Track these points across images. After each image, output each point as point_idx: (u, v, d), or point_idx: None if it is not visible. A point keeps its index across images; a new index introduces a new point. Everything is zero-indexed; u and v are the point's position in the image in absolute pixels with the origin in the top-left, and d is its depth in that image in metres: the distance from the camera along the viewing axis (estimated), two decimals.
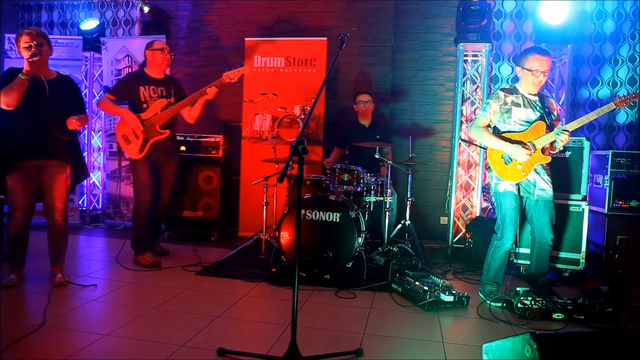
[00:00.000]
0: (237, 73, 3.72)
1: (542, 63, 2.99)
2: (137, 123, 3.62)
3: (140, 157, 3.69)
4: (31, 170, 3.08)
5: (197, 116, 3.90)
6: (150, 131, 3.68)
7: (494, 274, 3.16)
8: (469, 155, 5.00)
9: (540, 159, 3.02)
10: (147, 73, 3.81)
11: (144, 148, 3.68)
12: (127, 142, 3.70)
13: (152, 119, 3.67)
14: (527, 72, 3.01)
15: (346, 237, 3.39)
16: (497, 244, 3.14)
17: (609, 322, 2.74)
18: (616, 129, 4.56)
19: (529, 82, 3.03)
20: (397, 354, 2.33)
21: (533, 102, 3.08)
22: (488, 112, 3.11)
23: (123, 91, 3.75)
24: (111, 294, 3.08)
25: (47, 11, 6.21)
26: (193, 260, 3.89)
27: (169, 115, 3.70)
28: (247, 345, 2.30)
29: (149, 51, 3.79)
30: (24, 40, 3.01)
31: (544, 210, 3.10)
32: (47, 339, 2.33)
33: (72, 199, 5.20)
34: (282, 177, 1.89)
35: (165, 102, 3.72)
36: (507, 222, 3.08)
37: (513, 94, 3.09)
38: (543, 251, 3.19)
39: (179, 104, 3.73)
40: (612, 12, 4.61)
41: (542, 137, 2.98)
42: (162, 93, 3.77)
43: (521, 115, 3.05)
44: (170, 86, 3.83)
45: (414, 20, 5.22)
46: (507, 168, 3.05)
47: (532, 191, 3.09)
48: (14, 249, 3.17)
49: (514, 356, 1.83)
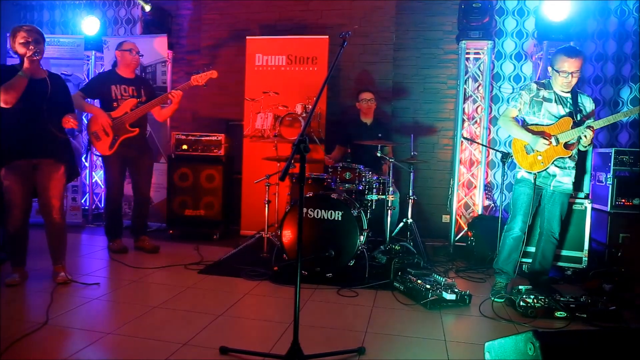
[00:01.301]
0: (204, 77, 3.92)
1: (571, 64, 3.00)
2: (107, 120, 3.80)
3: (111, 154, 3.88)
4: (26, 168, 3.08)
5: (167, 117, 4.20)
6: (120, 129, 3.86)
7: (503, 260, 3.22)
8: (471, 153, 4.98)
9: (560, 153, 3.08)
10: (119, 73, 3.99)
11: (114, 145, 3.86)
12: (98, 139, 3.86)
13: (122, 118, 3.85)
14: (556, 73, 3.06)
15: (348, 235, 3.39)
16: (506, 228, 3.24)
17: (612, 320, 2.73)
18: (619, 126, 4.54)
19: (558, 83, 3.08)
20: (399, 352, 2.33)
21: (564, 99, 3.13)
22: (519, 102, 3.17)
23: (95, 89, 3.92)
24: (113, 292, 3.09)
25: (48, 10, 6.20)
26: (195, 259, 3.90)
27: (139, 114, 3.89)
28: (249, 344, 2.30)
29: (118, 51, 3.98)
30: (21, 37, 2.99)
31: (557, 202, 3.17)
32: (49, 338, 2.33)
33: (74, 197, 5.23)
34: (284, 175, 1.88)
35: (135, 102, 3.90)
36: (518, 207, 3.17)
37: (546, 88, 3.15)
38: (549, 244, 3.23)
39: (148, 104, 3.92)
40: (615, 9, 4.59)
41: (566, 132, 3.05)
42: (133, 93, 3.96)
43: (551, 110, 3.12)
44: (141, 86, 4.04)
45: (415, 18, 5.21)
46: (527, 157, 3.12)
47: (550, 182, 3.15)
48: (15, 247, 3.18)
49: (517, 354, 1.82)
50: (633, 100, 4.45)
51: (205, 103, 5.59)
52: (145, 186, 4.18)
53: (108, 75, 4.05)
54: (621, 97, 4.52)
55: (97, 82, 4.00)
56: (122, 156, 3.95)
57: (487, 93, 4.73)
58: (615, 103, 4.56)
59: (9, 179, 3.06)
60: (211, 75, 3.94)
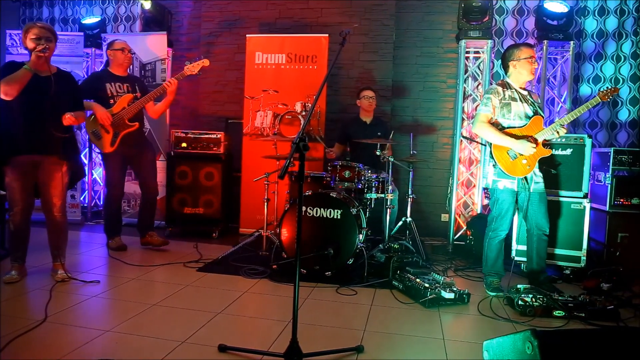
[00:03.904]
0: (197, 66, 3.95)
1: (531, 51, 3.16)
2: (108, 115, 3.78)
3: (112, 151, 3.87)
4: (27, 166, 3.08)
5: (161, 112, 4.17)
6: (120, 125, 3.86)
7: (492, 263, 3.28)
8: (470, 152, 4.99)
9: (543, 153, 3.10)
10: (111, 71, 4.01)
11: (115, 141, 3.86)
12: (98, 137, 3.86)
13: (121, 113, 3.85)
14: (525, 61, 3.12)
15: (347, 234, 3.39)
16: (492, 235, 3.25)
17: (610, 319, 2.74)
18: (618, 126, 4.54)
19: (528, 71, 3.13)
20: (398, 350, 2.34)
21: (525, 96, 3.17)
22: (490, 106, 3.16)
23: (89, 88, 3.90)
24: (112, 290, 3.09)
25: (48, 7, 6.20)
26: (194, 257, 3.90)
27: (136, 109, 3.90)
28: (248, 342, 2.31)
29: (110, 51, 3.99)
30: (33, 33, 2.99)
31: (540, 201, 3.19)
32: (48, 335, 2.33)
33: (73, 195, 5.22)
34: (283, 173, 1.88)
35: (132, 97, 3.92)
36: (504, 216, 3.20)
37: (508, 88, 3.18)
38: (542, 242, 3.25)
39: (145, 98, 3.93)
40: (614, 8, 4.59)
41: (543, 131, 3.07)
42: (128, 89, 3.98)
43: (519, 110, 3.13)
44: (135, 82, 4.06)
45: (415, 16, 5.21)
46: (513, 164, 3.10)
47: (529, 185, 3.15)
48: (15, 244, 3.18)
49: (515, 353, 1.83)
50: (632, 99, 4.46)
51: (205, 101, 5.59)
52: (152, 181, 4.16)
53: (101, 74, 4.06)
54: (620, 97, 4.52)
55: (91, 81, 4.00)
56: (122, 154, 3.95)
57: None
58: (614, 103, 4.57)
59: (10, 175, 3.06)
60: (203, 64, 3.96)
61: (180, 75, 3.95)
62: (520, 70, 3.16)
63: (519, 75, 3.17)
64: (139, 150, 4.03)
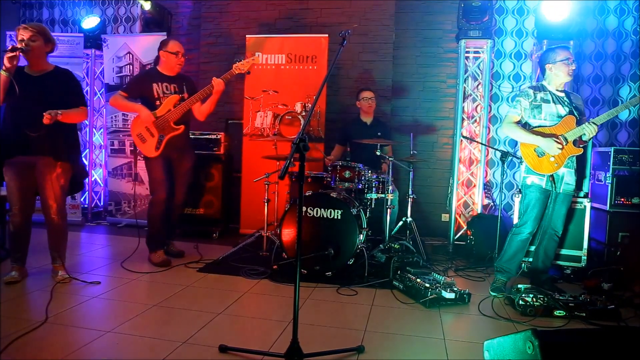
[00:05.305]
0: (247, 63, 3.68)
1: (567, 53, 3.19)
2: (151, 118, 3.59)
3: (157, 155, 3.66)
4: (22, 166, 3.07)
5: (207, 113, 3.82)
6: (165, 128, 3.64)
7: (507, 259, 3.26)
8: (470, 152, 4.99)
9: (572, 151, 3.11)
10: (160, 70, 3.77)
11: (160, 145, 3.65)
12: (143, 140, 3.66)
13: (166, 115, 3.63)
14: (562, 63, 3.15)
15: (347, 234, 3.39)
16: (515, 231, 3.25)
17: (611, 319, 2.74)
18: (618, 125, 4.54)
19: (564, 73, 3.16)
20: (399, 350, 2.33)
21: (560, 98, 3.19)
22: (519, 108, 3.20)
23: (136, 88, 3.72)
24: (113, 290, 3.09)
25: (48, 8, 6.20)
26: (195, 257, 3.90)
27: (182, 111, 3.66)
28: (248, 342, 2.31)
29: (163, 52, 3.72)
30: (18, 35, 2.98)
31: (563, 203, 3.22)
32: (49, 336, 2.33)
33: (74, 196, 5.21)
34: (284, 174, 1.88)
35: (178, 98, 3.68)
36: (529, 212, 3.19)
37: (541, 91, 3.21)
38: (552, 242, 3.27)
39: (190, 99, 3.68)
40: (614, 8, 4.59)
41: (573, 130, 3.08)
42: (175, 89, 3.73)
43: (551, 111, 3.16)
44: (183, 83, 3.79)
45: (415, 16, 5.20)
46: (540, 161, 3.13)
47: (559, 184, 3.17)
48: (16, 245, 3.18)
49: (516, 353, 1.83)
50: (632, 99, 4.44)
51: None
52: (183, 192, 3.90)
53: (149, 73, 3.86)
54: (620, 96, 4.52)
55: (138, 81, 3.81)
56: (166, 157, 3.71)
57: (486, 92, 4.73)
58: (615, 102, 4.56)
59: (7, 175, 3.07)
60: (254, 61, 3.73)
61: (228, 74, 3.69)
62: (556, 72, 3.19)
63: (556, 78, 3.20)
64: (180, 154, 3.80)
